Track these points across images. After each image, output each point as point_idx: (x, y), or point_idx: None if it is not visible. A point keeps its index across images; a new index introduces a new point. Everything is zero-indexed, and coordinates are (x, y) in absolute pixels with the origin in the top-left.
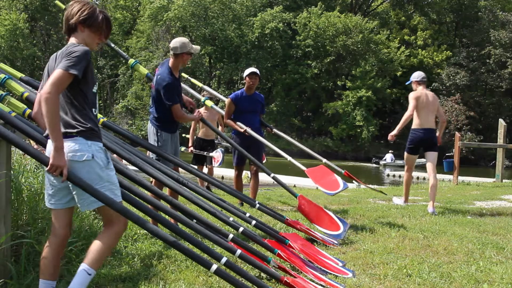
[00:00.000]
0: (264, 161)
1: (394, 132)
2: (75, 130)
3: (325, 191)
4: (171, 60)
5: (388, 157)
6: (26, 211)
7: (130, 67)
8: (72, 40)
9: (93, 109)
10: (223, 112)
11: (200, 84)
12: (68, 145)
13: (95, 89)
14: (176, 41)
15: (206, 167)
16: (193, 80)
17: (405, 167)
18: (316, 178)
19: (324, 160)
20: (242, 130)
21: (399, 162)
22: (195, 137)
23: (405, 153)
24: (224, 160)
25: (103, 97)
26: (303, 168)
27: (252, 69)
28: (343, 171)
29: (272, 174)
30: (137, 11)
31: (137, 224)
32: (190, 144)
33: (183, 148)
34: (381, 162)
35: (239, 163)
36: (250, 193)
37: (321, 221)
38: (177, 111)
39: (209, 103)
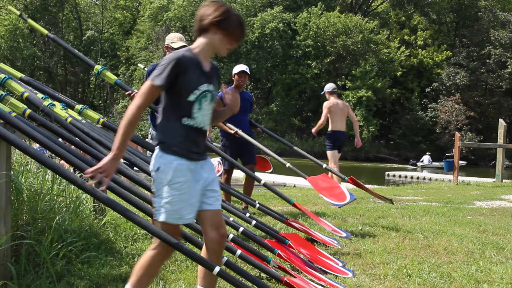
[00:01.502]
0: (270, 170)
1: (313, 130)
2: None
3: (332, 202)
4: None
5: (426, 159)
6: (26, 211)
7: (97, 74)
8: (198, 41)
9: (184, 118)
10: None
11: None
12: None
13: (192, 97)
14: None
15: None
16: None
17: (331, 163)
18: (319, 187)
19: (324, 166)
20: (232, 132)
21: (436, 164)
22: None
23: (327, 151)
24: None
25: (103, 97)
26: (304, 175)
27: (241, 67)
28: (346, 178)
29: (263, 181)
30: (137, 11)
31: (139, 226)
32: None
33: None
34: (419, 164)
35: (231, 165)
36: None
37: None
38: None
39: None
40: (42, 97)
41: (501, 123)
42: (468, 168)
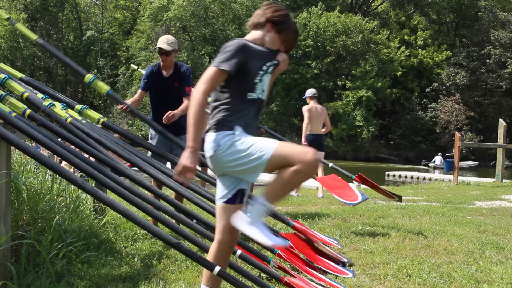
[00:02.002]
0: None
1: (303, 137)
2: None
3: (345, 201)
4: None
5: (438, 159)
6: (26, 211)
7: (88, 83)
8: (251, 34)
9: (249, 93)
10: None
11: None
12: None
13: (257, 79)
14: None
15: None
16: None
17: None
18: (330, 187)
19: (331, 165)
20: None
21: None
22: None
23: None
24: None
25: (103, 97)
26: (314, 175)
27: None
28: (353, 176)
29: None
30: (137, 11)
31: (140, 226)
32: None
33: None
34: (430, 164)
35: None
36: None
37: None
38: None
39: None
40: (42, 97)
41: (501, 123)
42: (468, 168)
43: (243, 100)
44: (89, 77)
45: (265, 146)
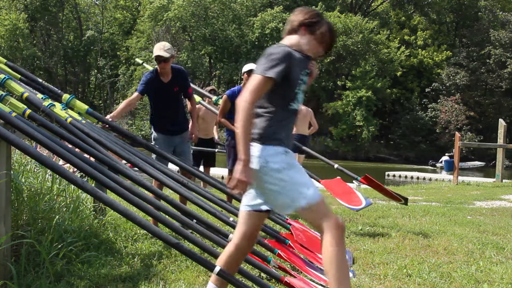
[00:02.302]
0: None
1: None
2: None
3: (349, 206)
4: None
5: (444, 159)
6: (26, 211)
7: (66, 104)
8: (286, 39)
9: (291, 103)
10: (213, 110)
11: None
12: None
13: (298, 87)
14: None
15: (203, 166)
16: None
17: None
18: (334, 191)
19: (336, 166)
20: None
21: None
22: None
23: None
24: None
25: (103, 97)
26: (318, 178)
27: (251, 66)
28: (359, 178)
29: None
30: (137, 11)
31: (140, 226)
32: None
33: None
34: (438, 165)
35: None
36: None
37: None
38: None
39: (197, 98)
40: (42, 98)
41: (501, 123)
42: (475, 168)
43: (285, 110)
44: (65, 97)
45: (307, 194)
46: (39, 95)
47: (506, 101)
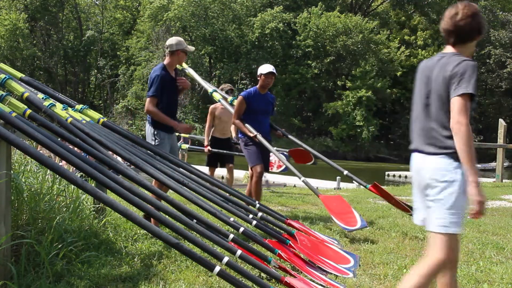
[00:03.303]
0: (312, 162)
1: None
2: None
3: (341, 225)
4: (166, 58)
5: None
6: (26, 211)
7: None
8: (458, 49)
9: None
10: (231, 109)
11: (198, 78)
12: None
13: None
14: (172, 39)
15: (225, 166)
16: (189, 71)
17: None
18: (332, 209)
19: (345, 172)
20: (251, 135)
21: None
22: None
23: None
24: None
25: (103, 97)
26: (318, 193)
27: (269, 68)
28: (367, 186)
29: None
30: (137, 11)
31: (140, 226)
32: (206, 143)
33: (184, 146)
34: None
35: (258, 162)
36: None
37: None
38: (149, 104)
39: (217, 96)
40: (42, 98)
41: (501, 123)
42: (491, 169)
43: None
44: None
45: (460, 223)
46: (40, 95)
47: (506, 101)
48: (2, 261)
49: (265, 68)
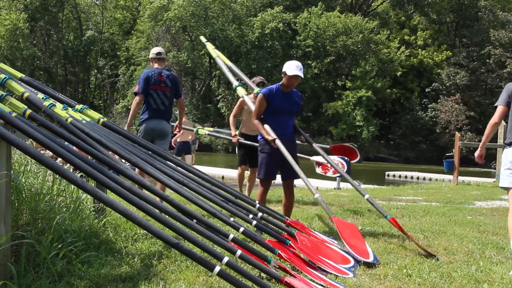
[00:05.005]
0: (357, 159)
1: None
2: None
3: (353, 253)
4: (159, 63)
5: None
6: (26, 211)
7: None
8: None
9: None
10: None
11: (228, 63)
12: None
13: None
14: (160, 48)
15: (249, 168)
16: (221, 57)
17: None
18: (345, 233)
19: (367, 196)
20: (269, 139)
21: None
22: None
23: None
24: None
25: (103, 97)
26: (331, 214)
27: (296, 70)
28: (388, 217)
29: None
30: (137, 11)
31: (140, 226)
32: (233, 133)
33: (202, 131)
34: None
35: (268, 177)
36: (282, 210)
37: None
38: (134, 102)
39: (240, 92)
40: (42, 98)
41: (501, 123)
42: (467, 168)
43: None
44: (79, 108)
45: None
46: (40, 95)
47: None
48: (2, 261)
49: (292, 69)
